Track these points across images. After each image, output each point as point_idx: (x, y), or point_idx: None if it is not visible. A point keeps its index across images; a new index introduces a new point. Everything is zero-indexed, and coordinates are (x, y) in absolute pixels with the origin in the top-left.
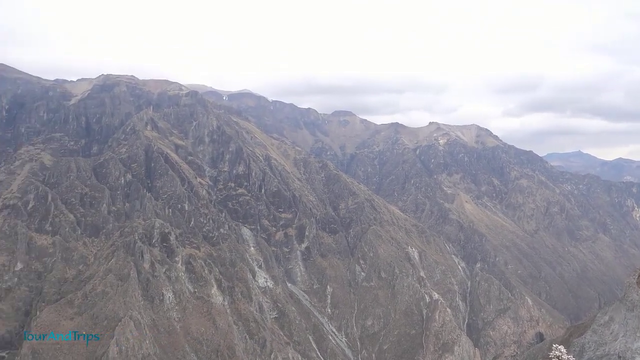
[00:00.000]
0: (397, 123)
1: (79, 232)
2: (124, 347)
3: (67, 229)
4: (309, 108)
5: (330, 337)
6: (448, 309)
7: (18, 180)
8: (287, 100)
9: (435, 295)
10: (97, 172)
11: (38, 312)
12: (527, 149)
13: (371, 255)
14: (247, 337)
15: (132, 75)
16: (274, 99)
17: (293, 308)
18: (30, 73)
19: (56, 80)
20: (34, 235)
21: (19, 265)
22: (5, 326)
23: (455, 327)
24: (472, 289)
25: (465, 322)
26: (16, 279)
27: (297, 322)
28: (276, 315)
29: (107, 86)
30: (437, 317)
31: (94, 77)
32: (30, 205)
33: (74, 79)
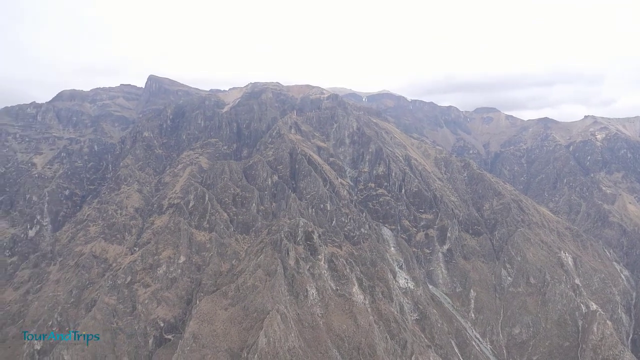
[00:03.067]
0: (546, 118)
1: (232, 230)
2: (271, 339)
3: (221, 227)
4: (450, 106)
5: (474, 343)
6: (608, 322)
7: (180, 182)
8: (426, 99)
9: (593, 306)
10: (247, 173)
11: (198, 302)
12: None
13: (519, 259)
14: (388, 337)
15: (277, 82)
16: (413, 98)
17: (434, 310)
18: (189, 85)
19: (211, 90)
20: (194, 231)
21: (182, 259)
22: (171, 312)
23: (617, 342)
24: (638, 300)
25: (630, 338)
26: (180, 270)
27: (439, 325)
28: (417, 317)
29: (255, 93)
30: (595, 329)
31: (243, 85)
32: (190, 205)
33: (226, 89)
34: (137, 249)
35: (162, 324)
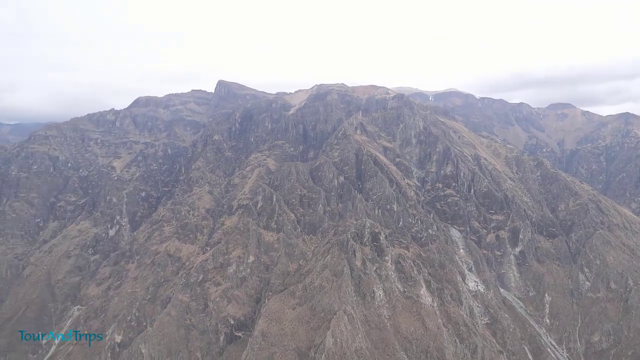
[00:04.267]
0: (627, 113)
1: (299, 230)
2: (338, 339)
3: (289, 227)
4: (521, 103)
5: (549, 350)
6: None
7: (249, 184)
8: (495, 97)
9: None
10: (314, 175)
11: (266, 301)
12: None
13: (598, 262)
14: (457, 341)
15: (342, 83)
16: (481, 96)
17: (506, 315)
18: (256, 89)
19: (277, 94)
20: (263, 232)
21: (251, 258)
22: (241, 310)
23: None
24: None
25: None
26: (249, 269)
27: (511, 330)
28: (488, 321)
29: (320, 95)
30: None
31: (309, 87)
32: (259, 206)
33: (292, 91)
34: (209, 248)
35: (232, 322)
